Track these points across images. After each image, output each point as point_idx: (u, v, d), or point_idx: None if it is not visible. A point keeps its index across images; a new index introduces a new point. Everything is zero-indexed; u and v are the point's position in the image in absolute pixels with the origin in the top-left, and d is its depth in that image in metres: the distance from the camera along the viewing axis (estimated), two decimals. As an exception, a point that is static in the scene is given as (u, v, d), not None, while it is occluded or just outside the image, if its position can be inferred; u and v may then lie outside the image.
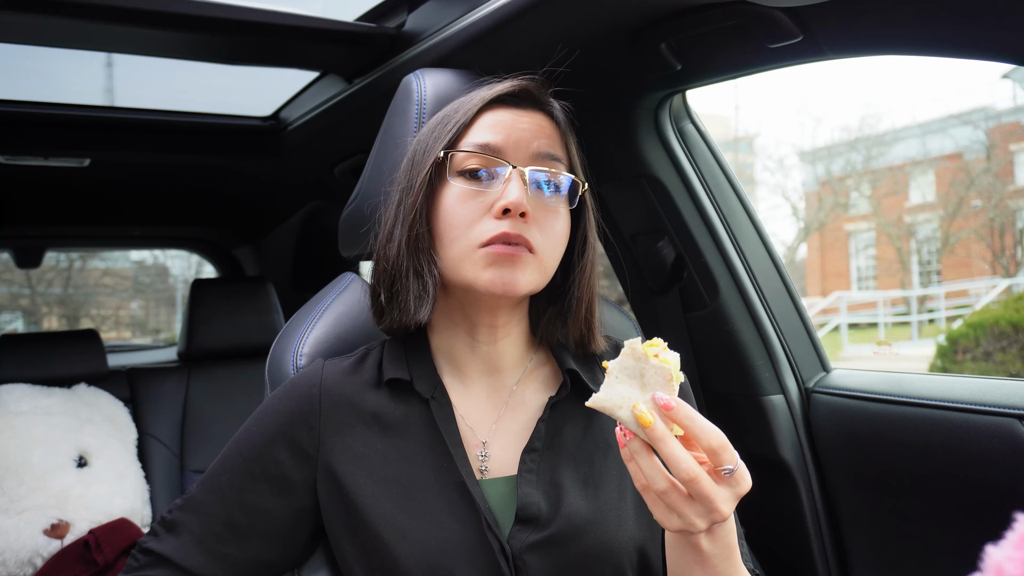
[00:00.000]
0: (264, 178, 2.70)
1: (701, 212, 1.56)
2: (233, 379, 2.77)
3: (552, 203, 1.00)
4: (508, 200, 0.94)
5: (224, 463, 1.03)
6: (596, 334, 1.07)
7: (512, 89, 1.02)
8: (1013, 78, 14.96)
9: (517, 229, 0.95)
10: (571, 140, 1.06)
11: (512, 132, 1.00)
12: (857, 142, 20.30)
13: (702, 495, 0.78)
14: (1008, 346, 8.51)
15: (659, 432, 0.78)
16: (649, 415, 0.78)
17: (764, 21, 1.15)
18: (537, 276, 0.98)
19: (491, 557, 0.93)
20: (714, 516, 0.79)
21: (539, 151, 1.00)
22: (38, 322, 14.87)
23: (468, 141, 1.00)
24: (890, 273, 20.79)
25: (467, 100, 1.04)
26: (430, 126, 1.05)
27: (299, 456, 1.00)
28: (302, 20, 1.56)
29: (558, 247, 1.01)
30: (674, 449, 0.78)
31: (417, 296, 0.99)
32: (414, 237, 0.99)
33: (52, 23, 1.45)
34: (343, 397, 1.02)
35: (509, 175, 0.97)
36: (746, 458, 1.54)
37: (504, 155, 0.98)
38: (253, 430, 1.03)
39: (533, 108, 1.04)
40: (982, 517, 1.23)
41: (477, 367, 1.06)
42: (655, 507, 0.81)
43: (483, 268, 0.95)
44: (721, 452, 0.79)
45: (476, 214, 0.97)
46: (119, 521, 2.14)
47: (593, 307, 1.06)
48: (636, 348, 0.81)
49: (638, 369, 0.81)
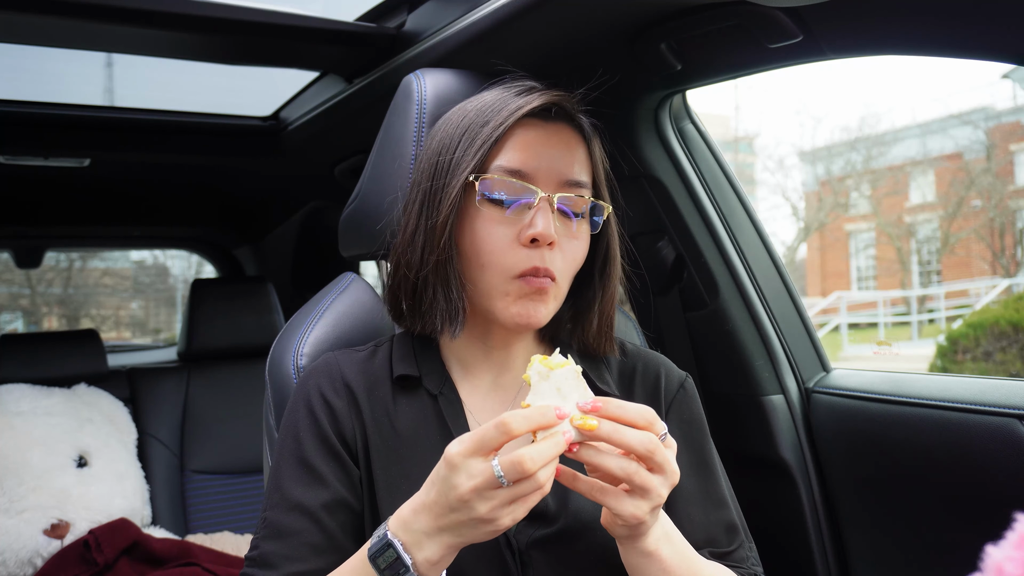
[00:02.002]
0: (264, 178, 2.70)
1: (701, 212, 1.56)
2: (233, 379, 2.77)
3: (576, 228, 1.01)
4: (536, 231, 0.95)
5: (278, 477, 0.99)
6: (612, 341, 1.10)
7: (545, 104, 1.01)
8: (1013, 78, 14.95)
9: (544, 262, 0.96)
10: (598, 155, 1.07)
11: (543, 156, 0.99)
12: (857, 142, 20.30)
13: (663, 463, 0.81)
14: (1008, 346, 8.51)
15: (608, 429, 0.80)
16: (590, 419, 0.80)
17: (764, 21, 1.15)
18: (555, 304, 1.01)
19: (497, 552, 0.93)
20: (673, 478, 0.82)
21: (569, 177, 1.00)
22: (38, 322, 14.86)
23: (498, 164, 0.98)
24: (890, 273, 20.80)
25: (496, 110, 1.00)
26: (455, 131, 1.02)
27: (338, 421, 1.00)
28: (302, 20, 1.56)
29: (574, 269, 1.03)
30: (626, 434, 0.80)
31: (447, 319, 1.00)
32: (444, 261, 0.99)
33: (52, 23, 1.45)
34: (360, 385, 1.03)
35: (538, 203, 0.97)
36: (746, 458, 1.55)
37: (534, 180, 0.98)
38: (289, 430, 1.01)
39: (562, 122, 1.03)
40: (982, 517, 1.23)
41: (486, 367, 1.07)
42: (621, 502, 0.82)
43: (512, 302, 0.97)
44: (654, 423, 0.82)
45: (506, 240, 0.97)
46: (119, 521, 2.14)
47: (613, 319, 1.09)
48: (540, 369, 0.83)
49: (552, 386, 0.83)
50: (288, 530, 0.94)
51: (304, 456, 0.98)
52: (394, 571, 0.82)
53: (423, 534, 0.81)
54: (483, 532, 0.80)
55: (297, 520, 0.94)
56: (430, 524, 0.81)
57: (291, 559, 0.92)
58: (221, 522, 2.54)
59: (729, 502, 1.06)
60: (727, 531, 1.03)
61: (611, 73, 1.43)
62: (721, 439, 1.22)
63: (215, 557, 2.16)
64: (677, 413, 1.08)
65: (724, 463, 1.11)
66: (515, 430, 0.78)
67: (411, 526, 0.82)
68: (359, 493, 0.99)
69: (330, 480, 0.97)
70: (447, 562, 0.83)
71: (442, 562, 0.82)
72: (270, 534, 0.95)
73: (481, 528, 0.79)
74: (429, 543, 0.81)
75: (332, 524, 0.95)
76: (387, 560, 0.82)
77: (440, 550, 0.81)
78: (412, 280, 1.02)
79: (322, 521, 0.95)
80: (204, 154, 2.30)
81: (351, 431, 1.00)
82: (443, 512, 0.80)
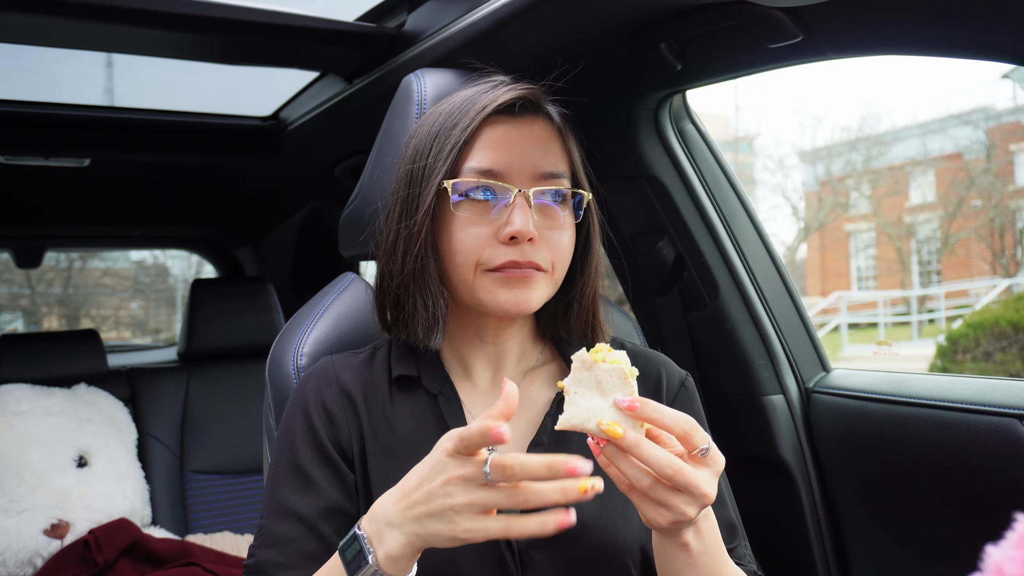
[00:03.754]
0: (264, 178, 2.70)
1: (701, 212, 1.56)
2: (233, 379, 2.77)
3: (558, 218, 1.00)
4: (514, 228, 0.95)
5: (274, 485, 0.99)
6: (599, 329, 1.09)
7: (510, 100, 1.00)
8: (1013, 78, 14.95)
9: (525, 255, 0.96)
10: (572, 144, 1.06)
11: (514, 152, 0.99)
12: (857, 142, 20.28)
13: (687, 483, 0.78)
14: (1008, 346, 8.51)
15: (630, 440, 0.78)
16: (617, 427, 0.78)
17: (764, 21, 1.15)
18: (548, 290, 1.01)
19: (497, 551, 0.94)
20: (703, 500, 0.79)
21: (542, 170, 0.99)
22: (38, 322, 14.87)
23: (469, 166, 0.99)
24: (890, 273, 20.79)
25: (464, 111, 1.01)
26: (427, 137, 1.02)
27: (334, 427, 1.00)
28: (302, 20, 1.56)
29: (566, 259, 1.02)
30: (649, 450, 0.78)
31: (427, 328, 1.00)
32: (420, 268, 0.99)
33: (52, 23, 1.45)
34: (357, 388, 1.03)
35: (513, 200, 0.97)
36: (746, 458, 1.55)
37: (507, 178, 0.98)
38: (286, 436, 1.02)
39: (532, 115, 1.03)
40: (982, 517, 1.23)
41: (483, 364, 1.07)
42: (644, 506, 0.81)
43: (498, 290, 0.97)
44: (693, 435, 0.80)
45: (483, 239, 0.97)
46: (119, 521, 2.14)
47: (596, 306, 1.08)
48: (584, 358, 0.82)
49: (593, 378, 0.81)
50: (283, 538, 0.95)
51: (299, 463, 0.98)
52: (356, 565, 0.81)
53: (386, 524, 0.80)
54: (443, 529, 0.77)
55: (292, 528, 0.95)
56: (397, 511, 0.80)
57: (286, 567, 0.93)
58: (221, 522, 2.54)
59: (728, 501, 1.07)
60: (727, 529, 1.03)
61: (611, 73, 1.43)
62: (721, 439, 1.22)
63: (215, 557, 2.16)
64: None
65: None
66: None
67: (377, 516, 0.82)
68: (355, 499, 0.99)
69: (325, 487, 0.97)
70: (409, 562, 0.81)
71: (402, 561, 0.80)
72: (266, 542, 0.95)
73: (443, 522, 0.77)
74: (390, 535, 0.80)
75: (327, 531, 0.95)
76: (352, 552, 0.82)
77: (400, 545, 0.79)
78: (394, 289, 1.02)
79: (317, 528, 0.95)
80: (204, 154, 2.30)
81: (347, 436, 1.00)
82: (420, 498, 0.78)
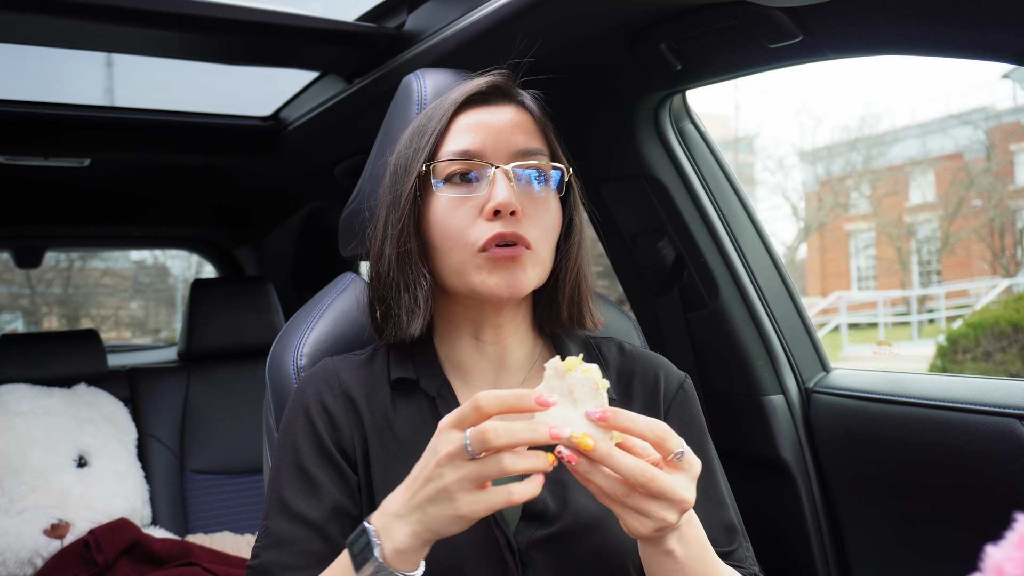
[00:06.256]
0: (264, 178, 2.70)
1: (701, 212, 1.56)
2: (233, 379, 2.77)
3: (541, 195, 1.01)
4: (497, 201, 0.95)
5: (277, 486, 0.99)
6: (586, 315, 1.07)
7: (480, 88, 1.03)
8: (1013, 78, 14.96)
9: (511, 227, 0.96)
10: (548, 127, 1.07)
11: (489, 132, 1.00)
12: (857, 142, 20.28)
13: (661, 490, 0.77)
14: (1008, 346, 8.51)
15: (602, 452, 0.77)
16: (588, 439, 0.77)
17: (764, 21, 1.15)
18: (538, 270, 1.00)
19: (498, 552, 0.93)
20: (681, 505, 0.79)
21: (519, 147, 1.00)
22: (38, 322, 14.87)
23: (447, 150, 1.00)
24: (890, 273, 20.78)
25: (439, 106, 1.04)
26: (407, 138, 1.06)
27: (336, 429, 1.00)
28: (302, 20, 1.56)
29: (552, 237, 1.02)
30: (621, 460, 0.77)
31: (409, 310, 1.00)
32: (403, 253, 1.00)
33: (52, 23, 1.45)
34: (359, 391, 1.03)
35: (494, 176, 0.98)
36: (746, 458, 1.55)
37: (485, 157, 0.99)
38: (287, 437, 1.02)
39: (505, 102, 1.04)
40: (982, 517, 1.23)
41: (483, 368, 1.06)
42: (624, 516, 0.80)
43: (488, 274, 0.97)
44: (666, 439, 0.79)
45: (468, 219, 0.98)
46: (119, 521, 2.14)
47: (581, 288, 1.07)
48: (558, 366, 0.82)
49: (566, 386, 0.81)
50: (288, 538, 0.94)
51: (302, 464, 0.98)
52: (363, 558, 0.81)
53: (394, 516, 0.81)
54: (445, 511, 0.77)
55: (297, 529, 0.95)
56: (403, 502, 0.80)
57: (292, 568, 0.93)
58: (221, 522, 2.54)
59: (728, 502, 1.06)
60: (726, 531, 1.03)
61: (611, 73, 1.43)
62: (721, 439, 1.22)
63: (215, 557, 2.16)
64: (676, 414, 1.08)
65: (724, 463, 1.11)
66: (485, 408, 0.77)
67: (387, 509, 0.82)
68: (358, 499, 0.99)
69: (328, 488, 0.97)
70: (416, 556, 0.81)
71: (410, 553, 0.80)
72: (270, 543, 0.95)
73: (443, 504, 0.77)
74: (397, 527, 0.80)
75: (331, 531, 0.95)
76: (360, 546, 0.82)
77: (408, 537, 0.79)
78: (382, 289, 1.03)
79: (321, 529, 0.95)
80: (204, 154, 2.30)
81: (349, 437, 1.00)
82: (419, 485, 0.79)
